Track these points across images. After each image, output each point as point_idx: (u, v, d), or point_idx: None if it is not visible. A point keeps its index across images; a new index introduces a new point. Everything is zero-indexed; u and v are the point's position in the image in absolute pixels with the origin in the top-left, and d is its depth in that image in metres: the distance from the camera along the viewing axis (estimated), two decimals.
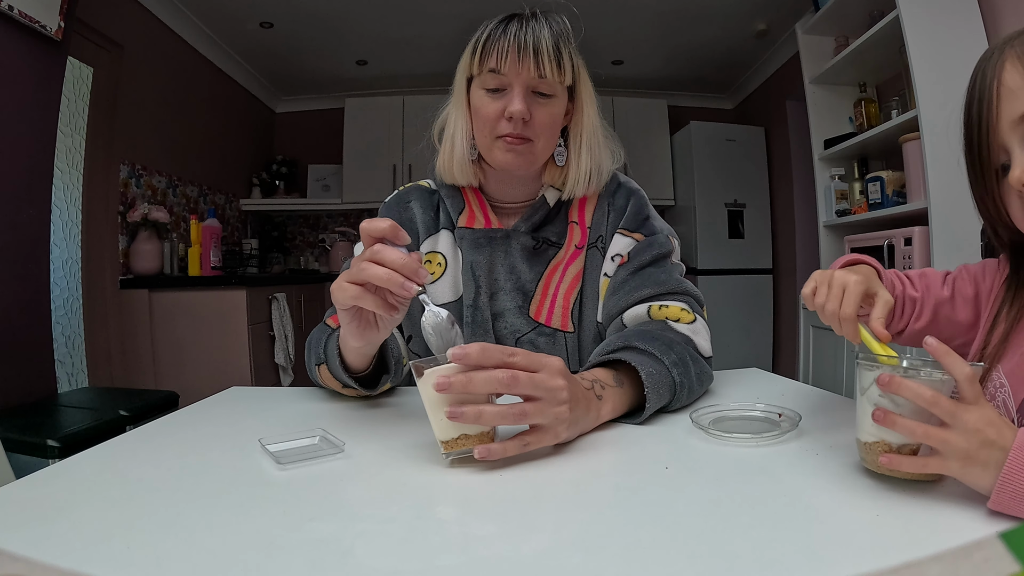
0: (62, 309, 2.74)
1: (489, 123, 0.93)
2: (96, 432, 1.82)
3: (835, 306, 0.70)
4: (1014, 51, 0.64)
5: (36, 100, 2.14)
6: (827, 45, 3.06)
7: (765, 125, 4.48)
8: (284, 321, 3.33)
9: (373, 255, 0.66)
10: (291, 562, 0.43)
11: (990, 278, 0.80)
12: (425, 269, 0.67)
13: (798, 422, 0.70)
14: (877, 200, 2.69)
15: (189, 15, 3.44)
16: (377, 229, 0.67)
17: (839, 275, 0.72)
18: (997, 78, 0.65)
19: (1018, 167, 0.64)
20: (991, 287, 0.79)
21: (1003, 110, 0.64)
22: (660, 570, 0.42)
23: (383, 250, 0.66)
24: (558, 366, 0.66)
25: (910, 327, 0.83)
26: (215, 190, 3.95)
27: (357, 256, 0.69)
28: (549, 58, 0.90)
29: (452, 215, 1.03)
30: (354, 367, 0.85)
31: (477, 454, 0.61)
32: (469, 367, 0.62)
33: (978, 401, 0.51)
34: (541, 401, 0.63)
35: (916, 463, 0.52)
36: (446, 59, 1.18)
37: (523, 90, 0.91)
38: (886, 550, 0.43)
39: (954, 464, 0.50)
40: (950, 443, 0.50)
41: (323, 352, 0.87)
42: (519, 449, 0.63)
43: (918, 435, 0.51)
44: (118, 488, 0.59)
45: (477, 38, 0.94)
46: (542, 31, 0.91)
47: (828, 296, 0.71)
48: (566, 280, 1.01)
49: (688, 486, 0.57)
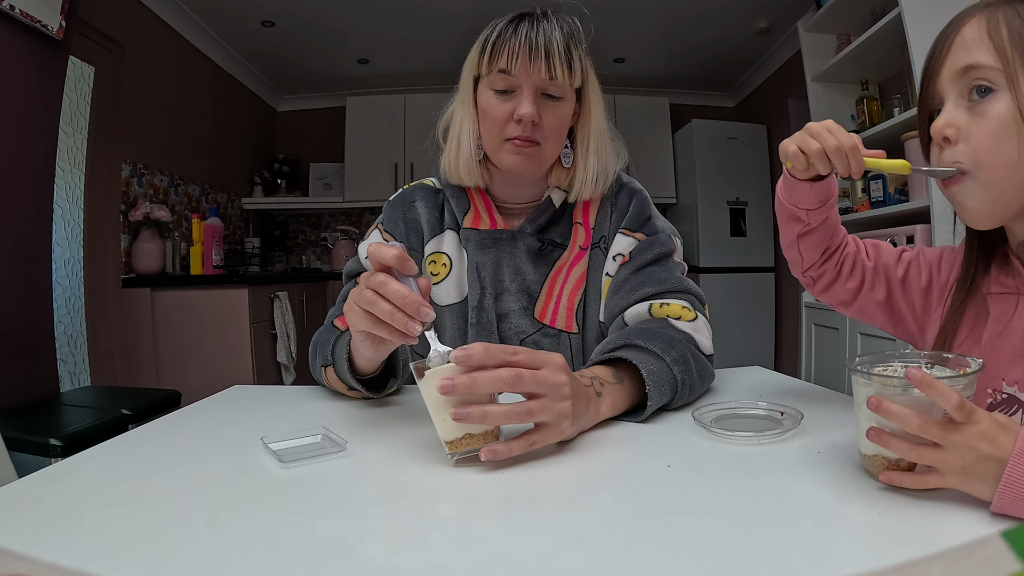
0: (64, 308, 2.75)
1: (497, 125, 0.92)
2: (98, 431, 1.82)
3: (833, 140, 0.68)
4: (988, 11, 0.64)
5: (38, 99, 2.15)
6: (829, 43, 3.06)
7: (767, 123, 4.48)
8: (286, 320, 3.34)
9: (379, 287, 0.64)
10: (293, 560, 0.43)
11: (947, 270, 0.79)
12: (429, 307, 0.64)
13: (800, 420, 0.70)
14: (879, 198, 2.68)
15: (190, 14, 3.44)
16: (385, 257, 0.64)
17: (815, 124, 0.71)
18: (958, 29, 0.66)
19: (941, 118, 0.65)
20: (946, 281, 0.78)
21: (949, 59, 0.66)
22: (662, 568, 0.42)
23: (387, 283, 0.64)
24: (560, 362, 0.66)
25: (863, 295, 0.83)
26: (217, 189, 3.95)
27: (365, 275, 0.67)
28: (560, 60, 0.89)
29: (457, 215, 1.02)
30: (363, 370, 0.85)
31: (483, 456, 0.61)
32: (472, 368, 0.61)
33: (971, 418, 0.49)
34: (545, 398, 0.63)
35: (916, 480, 0.51)
36: (448, 57, 1.18)
37: (533, 92, 0.90)
38: (888, 548, 0.43)
39: (952, 479, 0.49)
40: (945, 462, 0.49)
41: (330, 355, 0.87)
42: (525, 448, 0.63)
43: (912, 456, 0.51)
44: (120, 487, 0.59)
45: (486, 37, 0.93)
46: (553, 32, 0.89)
47: (819, 138, 0.70)
48: (570, 281, 1.01)
49: (690, 484, 0.57)
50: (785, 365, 4.31)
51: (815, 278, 0.85)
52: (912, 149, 2.43)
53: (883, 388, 0.53)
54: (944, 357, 0.58)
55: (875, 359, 0.60)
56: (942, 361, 0.58)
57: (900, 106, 2.59)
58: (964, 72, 0.64)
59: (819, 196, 0.77)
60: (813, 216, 0.79)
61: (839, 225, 0.83)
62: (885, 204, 2.64)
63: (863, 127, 2.84)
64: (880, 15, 2.54)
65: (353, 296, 0.67)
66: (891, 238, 2.46)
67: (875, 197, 2.70)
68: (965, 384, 0.52)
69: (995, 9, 0.63)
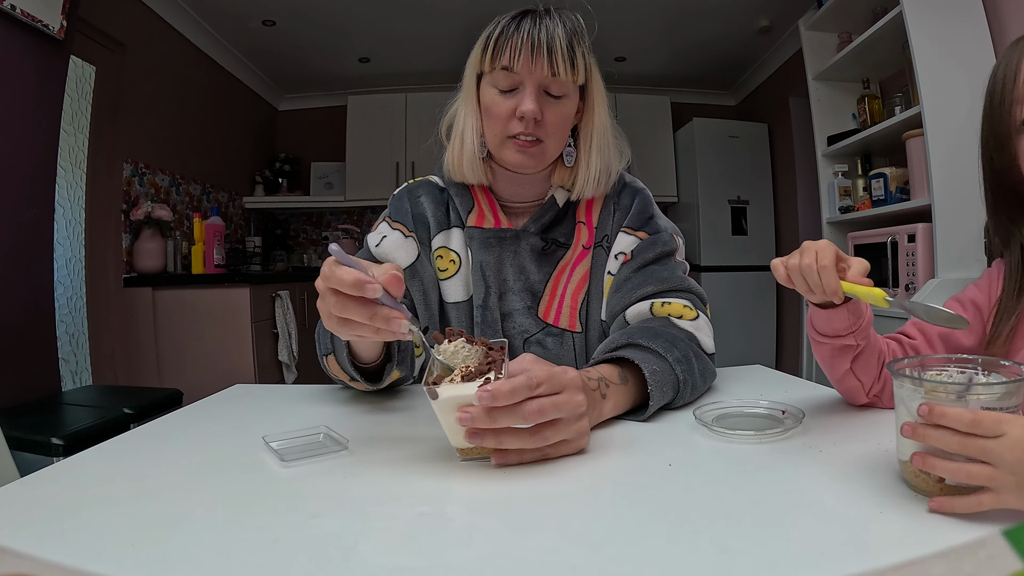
0: (66, 308, 2.75)
1: (500, 122, 0.92)
2: (100, 430, 1.82)
3: (811, 259, 0.68)
4: None
5: (39, 99, 2.15)
6: (830, 41, 3.05)
7: (768, 122, 4.47)
8: (287, 319, 3.34)
9: (340, 311, 0.61)
10: (295, 559, 0.43)
11: (984, 294, 0.81)
12: (397, 320, 0.61)
13: (801, 419, 0.70)
14: (880, 197, 2.68)
15: (192, 13, 3.44)
16: (372, 287, 0.59)
17: (808, 242, 0.71)
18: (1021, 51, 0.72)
19: None
20: (988, 300, 0.80)
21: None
22: (663, 567, 0.42)
23: (333, 273, 0.60)
24: (577, 383, 0.65)
25: None
26: (218, 188, 3.96)
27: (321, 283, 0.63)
28: (563, 57, 0.88)
29: (461, 213, 1.02)
30: (363, 358, 0.84)
31: (495, 463, 0.60)
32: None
33: (998, 428, 0.46)
34: (562, 421, 0.63)
35: (969, 503, 0.47)
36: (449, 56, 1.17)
37: (535, 89, 0.90)
38: (890, 547, 0.43)
39: (1009, 497, 0.46)
40: (997, 479, 0.46)
41: (330, 343, 0.86)
42: (536, 456, 0.62)
43: (961, 476, 0.48)
44: (122, 486, 0.59)
45: (489, 34, 0.92)
46: (556, 29, 0.89)
47: (802, 256, 0.69)
48: (574, 280, 1.00)
49: (691, 483, 0.57)
50: (786, 364, 4.31)
51: (879, 393, 0.80)
52: (913, 148, 2.43)
53: (932, 396, 0.50)
54: (999, 363, 0.56)
55: (924, 362, 0.58)
56: (995, 367, 0.56)
57: (902, 104, 2.58)
58: None
59: (854, 314, 0.75)
60: (860, 335, 0.76)
61: (877, 335, 0.81)
62: (886, 203, 2.63)
63: (864, 125, 2.84)
64: (881, 13, 2.53)
65: (323, 307, 0.63)
66: (892, 237, 2.46)
67: (876, 196, 2.70)
68: (1006, 392, 0.50)
69: None
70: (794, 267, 0.69)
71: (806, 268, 0.68)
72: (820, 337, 0.77)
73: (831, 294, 0.68)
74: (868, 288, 0.66)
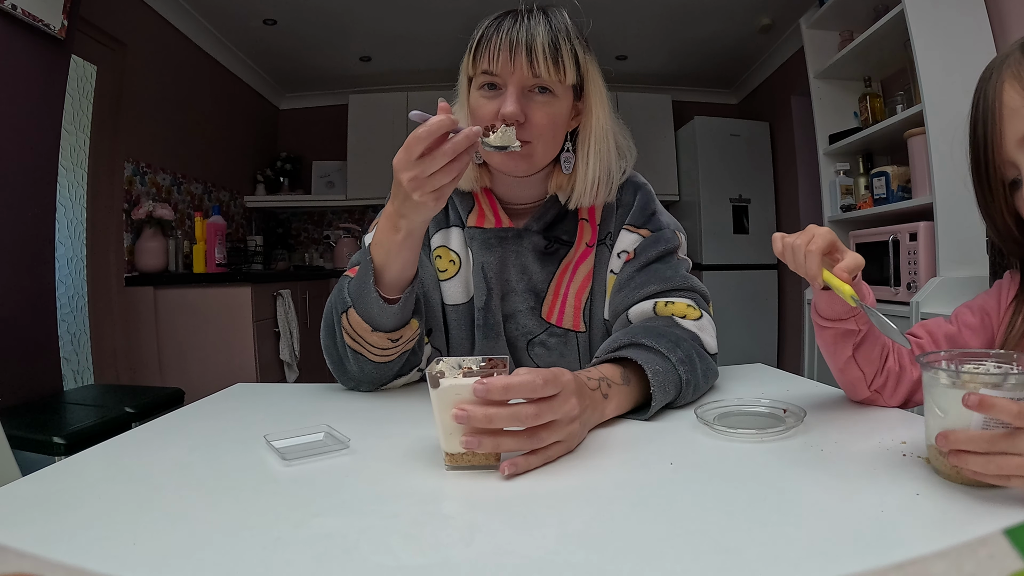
0: (68, 307, 2.75)
1: (484, 125, 0.89)
2: (102, 429, 1.83)
3: (804, 240, 0.71)
4: (1010, 71, 0.67)
5: (40, 99, 2.15)
6: (832, 40, 3.05)
7: (770, 120, 4.46)
8: (289, 318, 3.34)
9: (431, 164, 0.74)
10: (296, 557, 0.43)
11: (993, 300, 0.81)
12: (467, 129, 0.73)
13: (803, 418, 0.70)
14: (882, 195, 2.67)
15: (192, 13, 3.45)
16: (439, 126, 0.72)
17: (812, 226, 0.73)
18: (998, 99, 0.68)
19: None
20: (997, 307, 0.80)
21: (1007, 130, 0.68)
22: (664, 566, 0.42)
23: (418, 134, 0.73)
24: (571, 386, 0.64)
25: None
26: (220, 187, 3.96)
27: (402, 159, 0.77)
28: (544, 56, 0.86)
29: (462, 213, 1.01)
30: (394, 283, 0.84)
31: (505, 471, 0.59)
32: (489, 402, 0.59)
33: None
34: (556, 423, 0.62)
35: (999, 478, 0.49)
36: (450, 55, 1.17)
37: (517, 90, 0.87)
38: (891, 546, 0.43)
39: None
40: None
41: (348, 294, 0.85)
42: (542, 462, 0.62)
43: (991, 468, 0.49)
44: (124, 485, 0.59)
45: (473, 37, 0.91)
46: (537, 27, 0.86)
47: (799, 236, 0.72)
48: (577, 279, 1.00)
49: (693, 482, 0.57)
50: (788, 363, 4.30)
51: (880, 388, 0.80)
52: (915, 147, 2.42)
53: (971, 388, 0.51)
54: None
55: (956, 355, 0.60)
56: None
57: (903, 103, 2.58)
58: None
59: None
60: (861, 320, 0.76)
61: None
62: (888, 201, 2.63)
63: (866, 124, 2.84)
64: (883, 12, 2.53)
65: (410, 171, 0.77)
66: (894, 235, 2.46)
67: (878, 194, 2.70)
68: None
69: (1016, 66, 0.67)
70: (788, 244, 0.72)
71: (796, 247, 0.71)
72: (823, 321, 0.78)
73: (809, 278, 0.71)
74: (840, 284, 0.68)
